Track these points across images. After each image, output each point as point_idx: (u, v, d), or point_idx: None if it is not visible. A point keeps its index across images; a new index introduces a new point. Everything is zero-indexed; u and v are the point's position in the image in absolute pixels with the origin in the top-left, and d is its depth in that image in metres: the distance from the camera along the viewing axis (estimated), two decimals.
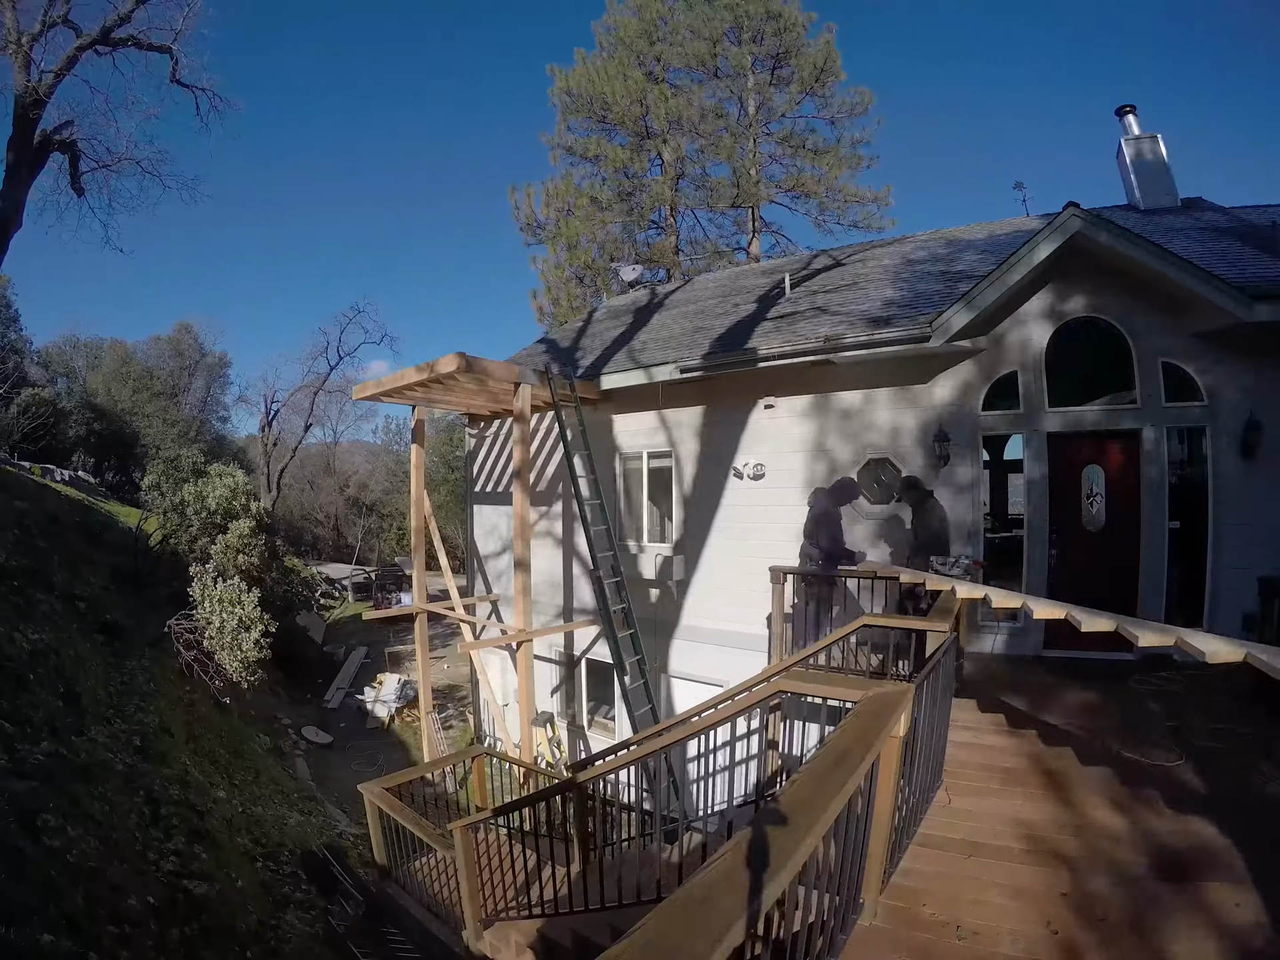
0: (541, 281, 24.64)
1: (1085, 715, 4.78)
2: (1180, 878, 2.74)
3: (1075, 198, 6.17)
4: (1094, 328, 6.54)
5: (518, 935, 4.45)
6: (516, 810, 5.01)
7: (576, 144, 23.72)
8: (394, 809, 5.83)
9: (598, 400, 9.43)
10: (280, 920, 5.85)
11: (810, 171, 22.63)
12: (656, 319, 11.80)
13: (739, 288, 11.79)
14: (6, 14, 10.95)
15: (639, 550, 9.13)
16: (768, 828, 1.63)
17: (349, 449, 45.20)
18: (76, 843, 4.41)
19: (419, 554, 11.37)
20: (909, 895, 2.68)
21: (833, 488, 7.31)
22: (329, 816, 9.08)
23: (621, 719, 9.36)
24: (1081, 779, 3.74)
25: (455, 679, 14.47)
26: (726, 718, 3.34)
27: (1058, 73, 74.26)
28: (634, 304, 13.81)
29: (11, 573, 7.70)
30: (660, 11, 22.99)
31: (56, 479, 17.69)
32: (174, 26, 12.28)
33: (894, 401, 7.34)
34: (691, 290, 13.42)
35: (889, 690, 2.60)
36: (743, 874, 1.42)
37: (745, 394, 8.22)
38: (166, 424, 28.78)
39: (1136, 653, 6.21)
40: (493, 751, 8.33)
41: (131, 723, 7.16)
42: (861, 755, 2.05)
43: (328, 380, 32.29)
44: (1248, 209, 8.48)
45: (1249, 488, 5.97)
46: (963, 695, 5.21)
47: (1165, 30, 64.50)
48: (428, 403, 10.95)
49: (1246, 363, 6.00)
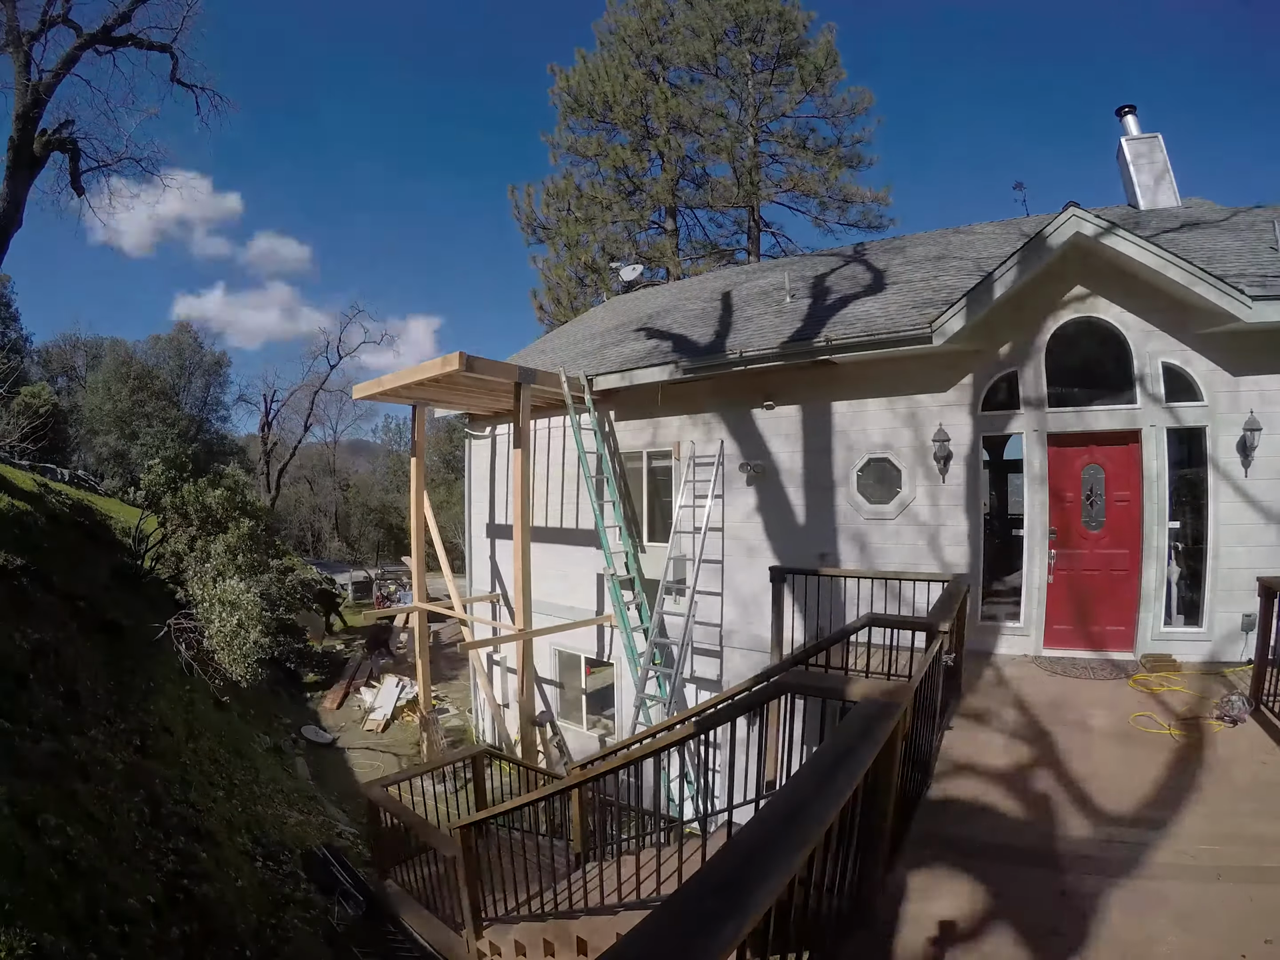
0: (542, 281, 24.67)
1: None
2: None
3: (1075, 198, 6.17)
4: (1094, 328, 6.54)
5: (517, 935, 4.45)
6: (517, 810, 5.02)
7: (577, 143, 23.73)
8: (394, 809, 5.83)
9: (604, 400, 9.44)
10: (280, 920, 5.84)
11: (810, 171, 22.64)
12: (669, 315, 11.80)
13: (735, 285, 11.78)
14: (6, 13, 10.94)
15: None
16: (766, 829, 1.63)
17: (349, 448, 45.24)
18: (76, 842, 4.40)
19: (419, 554, 11.38)
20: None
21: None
22: (329, 816, 9.07)
23: (622, 719, 9.36)
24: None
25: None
26: (726, 717, 3.34)
27: (1058, 73, 74.15)
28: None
29: (11, 572, 7.69)
30: (660, 11, 22.98)
31: (57, 478, 17.69)
32: (174, 25, 12.29)
33: (894, 401, 7.33)
34: (688, 290, 13.41)
35: (889, 689, 2.60)
36: (735, 877, 1.42)
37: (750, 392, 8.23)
38: (166, 424, 28.75)
39: (1136, 652, 6.23)
40: (493, 751, 8.34)
41: (131, 722, 7.15)
42: (863, 754, 2.04)
43: (327, 380, 32.35)
44: (1247, 209, 8.47)
45: (1248, 488, 5.97)
46: (961, 694, 5.21)
47: (1165, 30, 64.41)
48: (428, 402, 10.96)
49: (1247, 363, 5.99)
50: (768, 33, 21.72)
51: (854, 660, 5.51)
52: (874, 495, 7.37)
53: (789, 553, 7.81)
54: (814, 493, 7.73)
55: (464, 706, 14.06)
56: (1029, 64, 71.97)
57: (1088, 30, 66.36)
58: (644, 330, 11.18)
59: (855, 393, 7.50)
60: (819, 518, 7.68)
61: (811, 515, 7.74)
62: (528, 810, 5.69)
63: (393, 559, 34.33)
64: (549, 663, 10.60)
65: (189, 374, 34.01)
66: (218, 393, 35.62)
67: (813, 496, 7.74)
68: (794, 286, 9.87)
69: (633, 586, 9.01)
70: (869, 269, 9.98)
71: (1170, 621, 6.26)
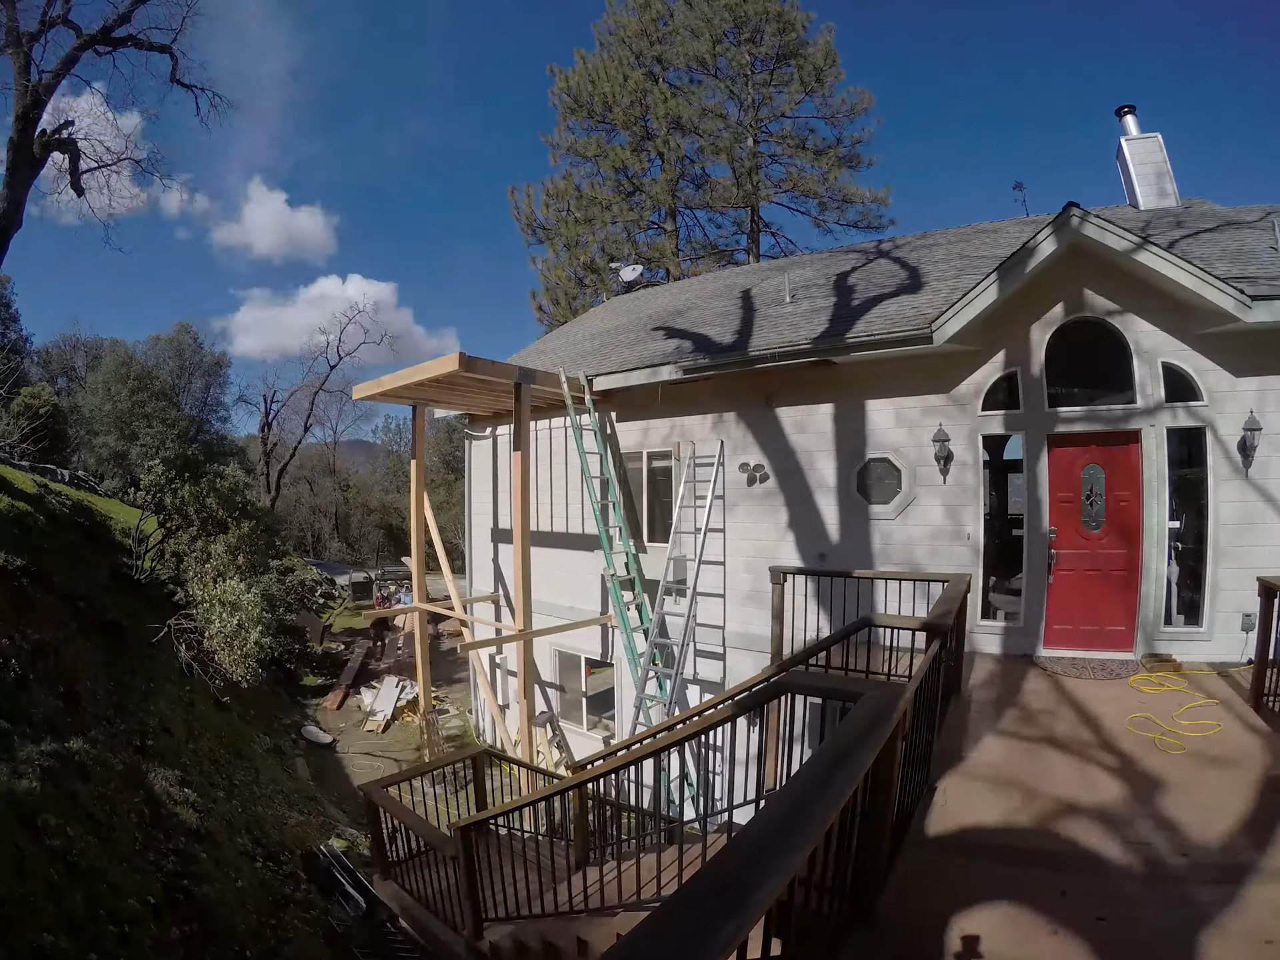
0: (541, 281, 24.69)
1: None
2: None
3: (1075, 197, 6.17)
4: (1094, 328, 6.54)
5: (517, 935, 4.45)
6: (517, 810, 5.01)
7: (577, 144, 23.74)
8: (394, 809, 5.83)
9: (600, 399, 9.44)
10: (280, 920, 5.85)
11: (810, 171, 22.66)
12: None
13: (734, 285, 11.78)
14: (6, 14, 10.95)
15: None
16: (766, 829, 1.63)
17: (349, 449, 45.23)
18: (76, 842, 4.40)
19: (419, 554, 11.38)
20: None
21: None
22: (329, 816, 9.07)
23: (622, 719, 9.36)
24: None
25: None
26: (726, 717, 3.34)
27: (1058, 73, 74.17)
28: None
29: (11, 572, 7.69)
30: (660, 11, 23.00)
31: (57, 479, 17.68)
32: (174, 26, 12.30)
33: (894, 401, 7.33)
34: (689, 290, 13.40)
35: (889, 690, 2.60)
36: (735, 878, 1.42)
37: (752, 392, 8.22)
38: (166, 424, 28.74)
39: (1136, 652, 6.22)
40: (493, 751, 8.34)
41: (131, 722, 7.16)
42: (863, 754, 2.04)
43: (328, 380, 32.35)
44: (1247, 208, 8.47)
45: (1248, 488, 5.97)
46: (960, 694, 5.21)
47: (1165, 30, 64.45)
48: (428, 403, 10.97)
49: (1246, 363, 5.99)
50: (767, 33, 21.73)
51: (854, 660, 5.51)
52: (874, 495, 7.37)
53: (789, 553, 7.81)
54: (814, 492, 7.72)
55: (464, 707, 14.06)
56: (1029, 64, 72.03)
57: (1087, 30, 66.40)
58: (643, 331, 11.18)
59: (856, 393, 7.50)
60: (819, 518, 7.68)
61: (812, 515, 7.74)
62: (528, 810, 5.68)
63: (393, 559, 34.31)
64: (549, 663, 10.60)
65: (189, 374, 33.99)
66: (218, 393, 35.62)
67: (813, 497, 7.74)
68: (794, 287, 9.87)
69: (633, 587, 9.01)
70: (876, 268, 9.98)
71: (1170, 621, 6.26)
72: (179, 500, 11.88)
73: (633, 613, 8.92)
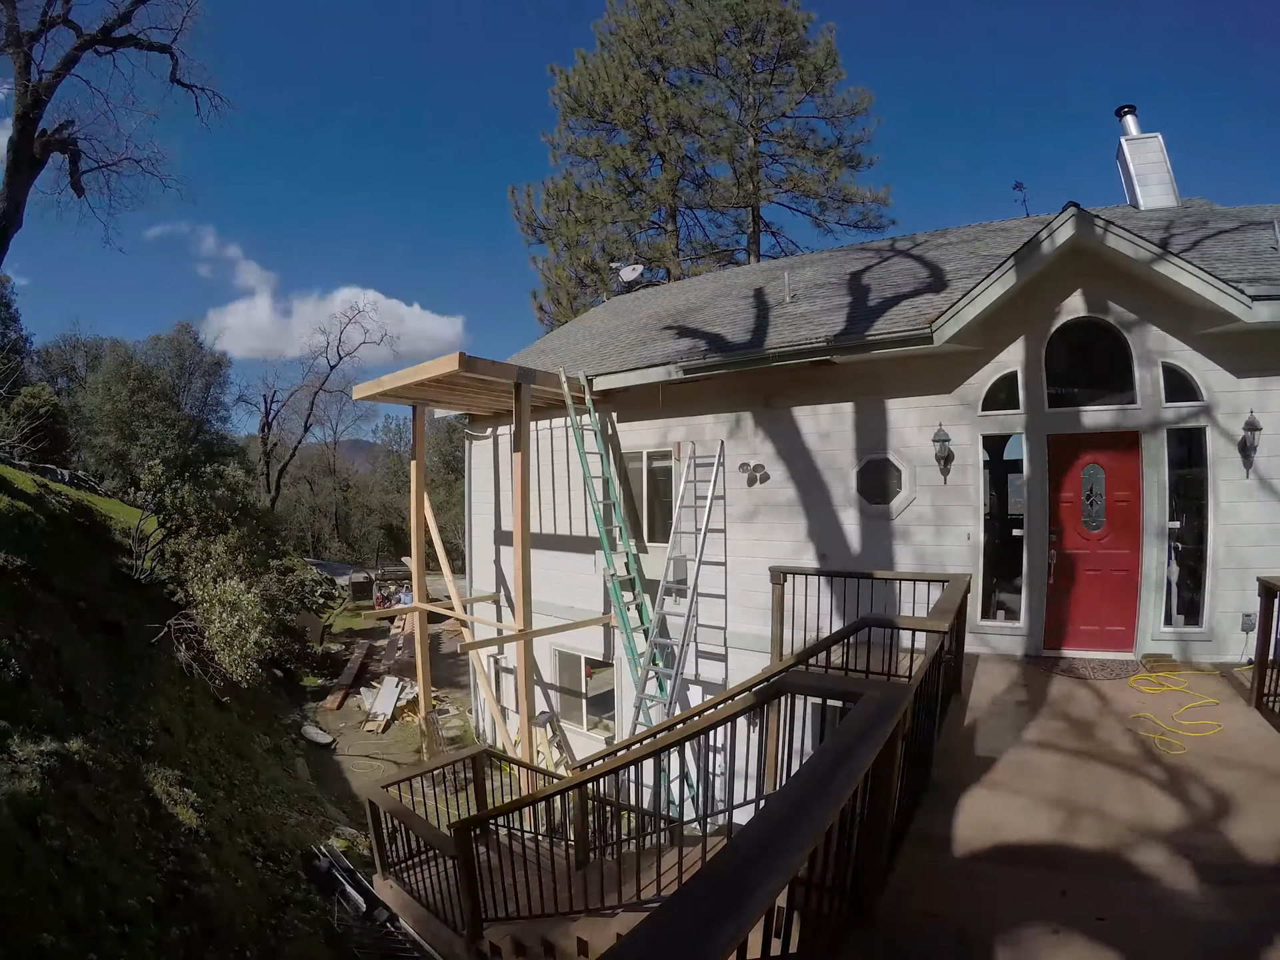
0: (542, 281, 24.70)
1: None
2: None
3: (1075, 198, 6.17)
4: (1094, 328, 6.54)
5: (516, 935, 4.45)
6: (517, 810, 5.01)
7: (577, 143, 23.75)
8: (394, 809, 5.83)
9: (600, 400, 9.44)
10: (280, 920, 5.85)
11: (810, 171, 22.66)
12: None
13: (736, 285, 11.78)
14: (6, 14, 10.95)
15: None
16: (766, 829, 1.62)
17: (349, 448, 45.24)
18: (76, 843, 4.40)
19: (419, 554, 11.38)
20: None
21: None
22: (329, 816, 9.07)
23: (622, 719, 9.36)
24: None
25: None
26: (726, 717, 3.34)
27: (1058, 73, 74.22)
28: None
29: (11, 572, 7.69)
30: (660, 11, 23.00)
31: (57, 479, 17.67)
32: (174, 26, 12.31)
33: (894, 402, 7.32)
34: (689, 290, 13.39)
35: (889, 690, 2.60)
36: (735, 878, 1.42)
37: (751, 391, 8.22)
38: (166, 424, 28.72)
39: (1136, 652, 6.23)
40: (493, 751, 8.33)
41: (131, 722, 7.16)
42: (863, 754, 2.04)
43: (328, 380, 32.36)
44: (1248, 208, 8.47)
45: (1248, 488, 5.97)
46: (960, 694, 5.21)
47: (1165, 30, 64.49)
48: (429, 403, 10.96)
49: (1246, 363, 5.99)
50: (768, 33, 21.73)
51: (854, 660, 5.51)
52: (875, 495, 7.37)
53: (789, 552, 7.81)
54: (814, 493, 7.72)
55: (464, 707, 14.05)
56: (1029, 64, 72.00)
57: (1087, 30, 66.36)
58: (644, 330, 11.18)
59: (855, 393, 7.50)
60: (819, 518, 7.68)
61: (812, 515, 7.74)
62: (528, 810, 5.69)
63: (393, 560, 34.31)
64: (550, 663, 10.60)
65: (189, 374, 33.97)
66: (218, 393, 35.58)
67: (813, 496, 7.74)
68: (801, 286, 9.87)
69: (633, 587, 9.01)
70: (887, 267, 9.97)
71: (1170, 621, 6.26)
72: (179, 500, 11.88)
73: (633, 613, 8.92)
